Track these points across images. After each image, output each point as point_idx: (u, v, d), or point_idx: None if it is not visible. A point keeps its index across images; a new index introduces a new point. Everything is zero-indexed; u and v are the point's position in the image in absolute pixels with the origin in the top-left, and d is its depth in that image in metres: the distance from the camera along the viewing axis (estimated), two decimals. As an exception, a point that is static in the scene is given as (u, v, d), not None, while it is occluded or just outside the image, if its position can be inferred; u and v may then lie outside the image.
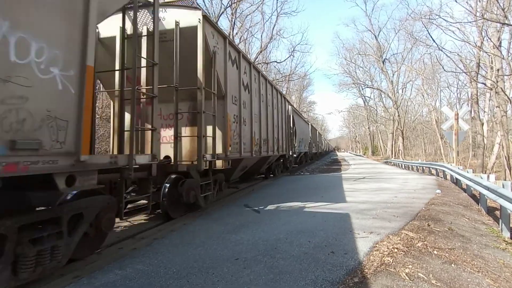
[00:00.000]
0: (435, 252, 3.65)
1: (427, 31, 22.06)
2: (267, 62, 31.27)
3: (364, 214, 5.66)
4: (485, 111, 22.88)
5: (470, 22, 18.01)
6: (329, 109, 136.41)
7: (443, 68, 23.97)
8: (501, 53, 17.22)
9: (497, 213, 6.30)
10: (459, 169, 10.51)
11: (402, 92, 37.90)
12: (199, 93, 5.59)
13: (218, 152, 6.10)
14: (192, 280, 2.94)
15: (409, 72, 35.21)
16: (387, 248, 3.71)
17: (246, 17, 26.99)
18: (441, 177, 13.24)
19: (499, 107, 17.16)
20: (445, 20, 24.19)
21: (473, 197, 8.43)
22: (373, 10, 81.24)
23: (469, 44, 19.65)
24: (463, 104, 30.81)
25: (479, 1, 17.64)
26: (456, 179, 10.61)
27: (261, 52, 29.51)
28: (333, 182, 11.56)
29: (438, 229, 4.69)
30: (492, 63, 18.00)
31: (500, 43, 17.64)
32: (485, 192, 6.51)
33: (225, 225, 4.99)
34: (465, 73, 21.76)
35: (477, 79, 20.09)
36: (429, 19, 18.72)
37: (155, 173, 4.57)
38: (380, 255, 3.48)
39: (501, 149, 17.65)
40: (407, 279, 2.88)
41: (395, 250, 3.64)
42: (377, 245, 3.82)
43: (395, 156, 34.96)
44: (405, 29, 30.90)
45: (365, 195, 8.07)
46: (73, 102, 2.83)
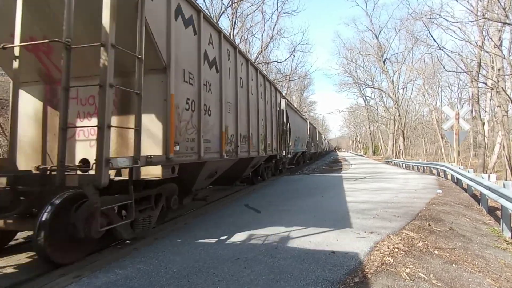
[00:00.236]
0: (436, 252, 3.65)
1: (428, 30, 22.13)
2: (267, 62, 31.29)
3: (364, 214, 5.66)
4: (486, 111, 22.85)
5: (471, 21, 18.01)
6: (330, 109, 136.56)
7: (444, 67, 23.94)
8: (502, 52, 17.20)
9: (498, 213, 6.30)
10: (460, 169, 10.50)
11: (402, 91, 37.94)
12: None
13: (152, 153, 4.02)
14: (192, 279, 2.94)
15: (410, 71, 35.22)
16: (388, 248, 3.71)
17: (246, 17, 27.01)
18: (442, 177, 13.22)
19: (500, 107, 17.14)
20: (446, 19, 24.00)
21: (474, 197, 8.42)
22: (373, 9, 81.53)
23: (470, 43, 19.67)
24: (464, 103, 30.82)
25: (480, 1, 17.63)
26: (457, 179, 10.60)
27: (261, 52, 29.52)
28: (333, 182, 11.56)
29: (439, 229, 4.69)
30: (493, 63, 17.98)
31: (501, 42, 17.62)
32: (486, 192, 6.50)
33: (226, 225, 4.99)
34: (466, 72, 21.75)
35: (478, 79, 20.07)
36: (430, 18, 18.73)
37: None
38: (380, 255, 3.48)
39: (502, 148, 17.63)
40: (408, 279, 2.88)
41: (396, 250, 3.64)
42: (378, 245, 3.81)
43: (396, 156, 34.96)
44: (406, 28, 30.93)
45: (365, 195, 8.07)
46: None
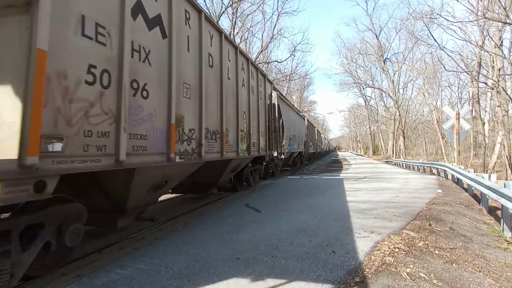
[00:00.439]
0: (436, 251, 3.65)
1: (428, 30, 22.11)
2: (268, 61, 31.26)
3: (365, 213, 5.66)
4: (486, 111, 22.84)
5: (471, 21, 18.02)
6: (330, 109, 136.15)
7: (444, 67, 23.91)
8: (502, 52, 17.19)
9: (499, 212, 6.29)
10: (460, 168, 10.49)
11: (403, 91, 37.91)
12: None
13: None
14: (193, 279, 2.94)
15: (410, 71, 35.21)
16: (388, 247, 3.71)
17: (247, 17, 26.95)
18: (442, 177, 13.22)
19: (500, 107, 17.14)
20: (447, 19, 24.09)
21: (475, 196, 8.41)
22: (374, 9, 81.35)
23: (471, 43, 19.66)
24: (464, 103, 30.75)
25: (481, 1, 17.62)
26: (457, 178, 10.59)
27: (261, 51, 29.49)
28: (333, 182, 11.56)
29: (439, 228, 4.69)
30: (493, 63, 17.97)
31: (501, 42, 17.62)
32: (486, 191, 6.50)
33: (226, 225, 4.99)
34: (466, 72, 21.73)
35: (478, 79, 20.06)
36: (430, 18, 18.73)
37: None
38: (381, 254, 3.48)
39: (502, 148, 17.63)
40: (408, 278, 2.88)
41: (396, 249, 3.64)
42: (378, 245, 3.81)
43: (396, 155, 34.94)
44: (406, 28, 30.95)
45: (366, 194, 8.07)
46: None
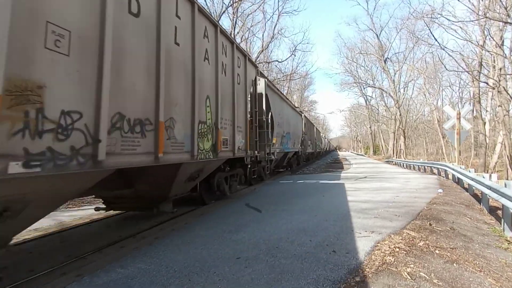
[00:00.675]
0: (437, 251, 3.64)
1: (429, 30, 22.04)
2: (268, 61, 31.25)
3: (365, 213, 5.66)
4: (487, 110, 22.81)
5: (472, 21, 17.98)
6: (331, 109, 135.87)
7: (445, 67, 23.89)
8: (503, 52, 17.16)
9: (499, 212, 6.28)
10: (461, 168, 10.48)
11: (403, 91, 37.87)
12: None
13: None
14: (193, 279, 2.94)
15: (411, 71, 35.16)
16: (389, 247, 3.70)
17: (247, 16, 26.92)
18: (443, 177, 13.20)
19: (501, 106, 17.11)
20: (447, 19, 24.15)
21: (475, 196, 8.40)
22: (374, 9, 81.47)
23: (471, 43, 19.61)
24: (465, 103, 30.77)
25: (482, 0, 17.57)
26: (458, 178, 10.58)
27: (262, 51, 29.47)
28: (333, 182, 11.54)
29: (440, 228, 4.68)
30: (494, 62, 17.94)
31: (502, 42, 17.58)
32: (487, 191, 6.49)
33: (226, 224, 5.00)
34: (467, 72, 21.69)
35: (479, 78, 20.02)
36: (431, 18, 18.70)
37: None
38: (381, 254, 3.48)
39: (503, 148, 17.61)
40: (409, 278, 2.88)
41: (397, 249, 3.64)
42: (379, 245, 3.81)
43: (396, 155, 34.91)
44: (407, 28, 30.85)
45: (366, 194, 8.06)
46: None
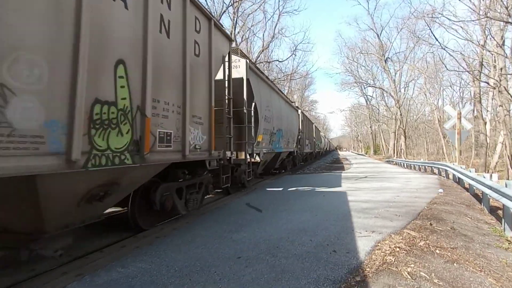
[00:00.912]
0: (437, 251, 3.64)
1: (430, 29, 21.89)
2: (269, 61, 31.24)
3: (366, 213, 5.66)
4: (488, 110, 22.78)
5: (473, 20, 17.95)
6: (331, 108, 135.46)
7: (445, 67, 23.88)
8: (504, 51, 17.12)
9: (500, 212, 6.28)
10: (461, 168, 10.47)
11: (404, 91, 37.84)
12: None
13: None
14: (194, 278, 2.95)
15: (412, 71, 35.12)
16: (389, 247, 3.70)
17: (248, 16, 26.94)
18: (444, 177, 13.19)
19: (502, 106, 17.09)
20: (448, 18, 24.06)
21: (476, 196, 8.40)
22: (375, 8, 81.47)
23: (472, 42, 19.59)
24: (465, 103, 30.71)
25: (482, 0, 17.54)
26: (458, 178, 10.57)
27: (262, 51, 29.48)
28: (334, 182, 11.54)
29: (440, 228, 4.68)
30: (495, 62, 17.91)
31: (503, 41, 17.54)
32: (487, 191, 6.48)
33: (227, 224, 5.00)
34: (468, 72, 21.67)
35: (480, 78, 19.99)
36: (432, 17, 18.68)
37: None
38: (382, 254, 3.48)
39: (504, 148, 17.59)
40: (409, 278, 2.88)
41: (397, 249, 3.64)
42: (379, 244, 3.81)
43: (397, 155, 34.89)
44: (407, 27, 30.84)
45: (367, 194, 8.06)
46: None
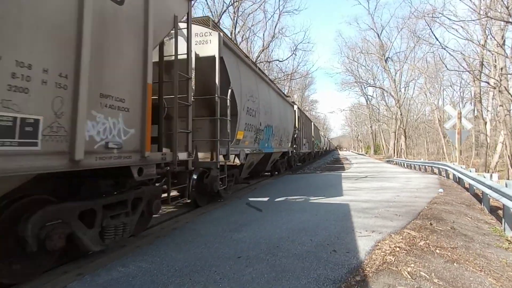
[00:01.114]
0: (437, 251, 3.65)
1: (430, 29, 22.00)
2: (269, 60, 31.24)
3: (366, 212, 5.66)
4: (488, 110, 22.78)
5: (473, 20, 17.93)
6: (331, 108, 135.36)
7: (446, 66, 23.90)
8: (504, 51, 17.11)
9: (500, 212, 6.28)
10: (461, 168, 10.47)
11: (404, 91, 37.85)
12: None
13: None
14: (194, 278, 2.95)
15: (412, 70, 35.13)
16: (389, 247, 3.71)
17: (248, 16, 26.96)
18: (444, 176, 13.19)
19: (502, 106, 17.09)
20: (449, 18, 24.06)
21: (476, 196, 8.40)
22: (376, 8, 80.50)
23: (473, 42, 19.59)
24: (466, 103, 30.70)
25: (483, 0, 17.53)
26: (458, 178, 10.57)
27: (263, 50, 29.48)
28: (334, 182, 11.54)
29: (440, 228, 4.68)
30: (495, 62, 17.90)
31: (504, 41, 17.53)
32: (488, 191, 6.49)
33: (227, 223, 5.01)
34: (468, 71, 21.67)
35: (480, 78, 19.98)
36: (432, 17, 18.68)
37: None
38: (382, 253, 3.48)
39: (504, 148, 17.60)
40: (409, 277, 2.88)
41: (397, 249, 3.64)
42: (379, 244, 3.81)
43: (397, 155, 34.89)
44: (408, 27, 30.86)
45: (367, 194, 8.06)
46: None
